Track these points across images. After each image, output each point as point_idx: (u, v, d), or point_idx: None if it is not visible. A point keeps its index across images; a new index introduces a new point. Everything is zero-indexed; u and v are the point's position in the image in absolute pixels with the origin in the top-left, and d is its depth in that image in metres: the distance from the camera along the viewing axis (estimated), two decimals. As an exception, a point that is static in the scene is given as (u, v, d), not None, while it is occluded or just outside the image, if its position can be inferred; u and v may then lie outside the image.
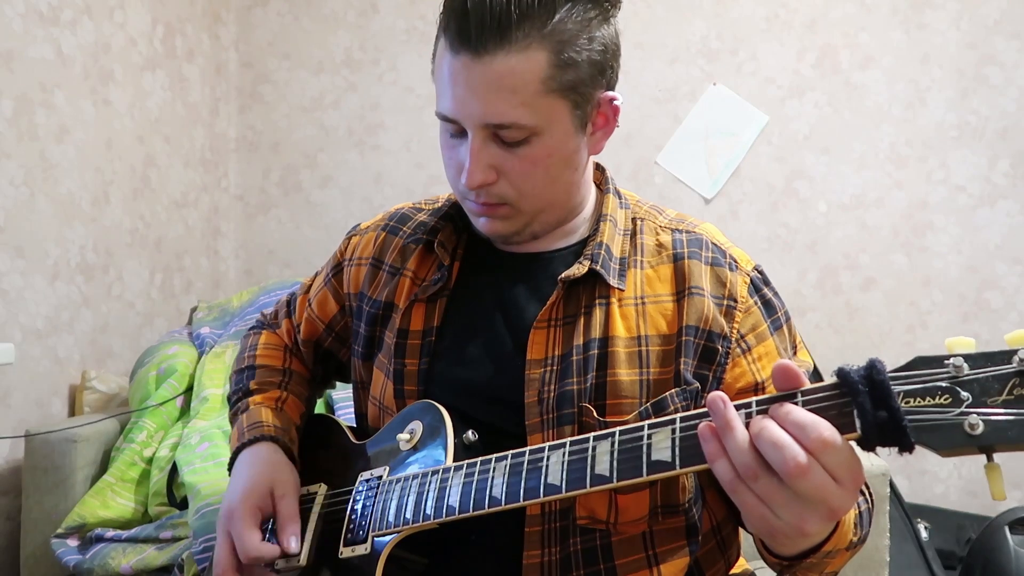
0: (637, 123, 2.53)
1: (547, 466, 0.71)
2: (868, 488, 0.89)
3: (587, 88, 0.84)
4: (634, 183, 2.53)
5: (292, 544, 0.86)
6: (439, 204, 1.03)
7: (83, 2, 2.01)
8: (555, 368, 0.86)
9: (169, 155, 2.39)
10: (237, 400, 1.06)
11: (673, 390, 0.84)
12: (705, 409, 0.64)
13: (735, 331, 0.87)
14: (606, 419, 0.83)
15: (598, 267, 0.87)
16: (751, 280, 0.90)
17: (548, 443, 0.74)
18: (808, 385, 0.61)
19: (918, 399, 0.55)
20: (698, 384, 0.85)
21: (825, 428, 0.57)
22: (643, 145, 2.54)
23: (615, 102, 0.88)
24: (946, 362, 0.55)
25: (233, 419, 1.04)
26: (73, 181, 1.98)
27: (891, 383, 0.56)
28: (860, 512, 0.84)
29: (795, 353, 0.92)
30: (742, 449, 0.59)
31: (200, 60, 2.55)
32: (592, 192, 0.97)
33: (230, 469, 0.98)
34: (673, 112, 2.54)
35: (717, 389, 0.85)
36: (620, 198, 0.96)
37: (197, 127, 2.53)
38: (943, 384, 0.55)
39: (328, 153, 2.69)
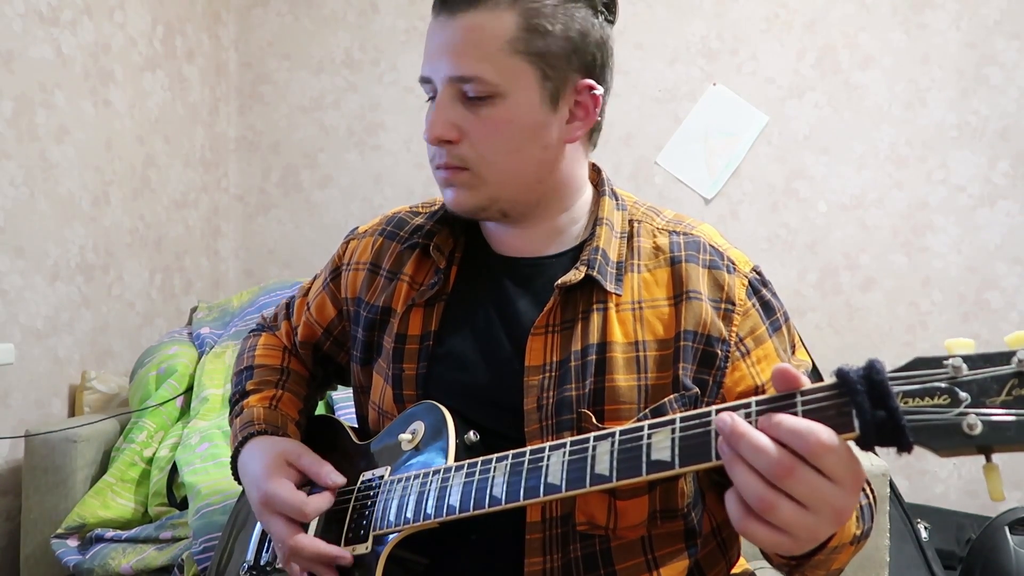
0: (637, 123, 2.54)
1: (547, 466, 0.71)
2: (869, 483, 0.89)
3: (559, 62, 0.85)
4: (634, 183, 2.53)
5: (336, 479, 0.88)
6: (436, 207, 1.02)
7: (83, 2, 2.02)
8: (553, 374, 0.86)
9: (169, 155, 2.39)
10: (235, 403, 1.06)
11: (672, 396, 0.84)
12: (705, 409, 0.64)
13: (734, 334, 0.87)
14: (605, 425, 0.82)
15: (594, 273, 0.87)
16: (749, 282, 0.90)
17: (549, 443, 0.74)
18: (807, 386, 0.61)
19: (917, 399, 0.55)
20: (697, 389, 0.85)
21: (822, 432, 0.57)
22: (643, 145, 2.54)
23: (594, 91, 0.87)
24: (945, 363, 0.55)
25: (231, 423, 1.05)
26: (73, 181, 1.99)
27: (890, 383, 0.56)
28: (861, 507, 0.84)
29: (794, 353, 0.91)
30: (755, 480, 0.59)
31: (200, 60, 2.55)
32: (588, 193, 0.96)
33: (234, 474, 0.99)
34: (673, 112, 2.54)
35: (717, 394, 0.86)
36: (617, 199, 0.96)
37: (197, 127, 2.53)
38: (942, 384, 0.55)
39: (328, 153, 2.69)
